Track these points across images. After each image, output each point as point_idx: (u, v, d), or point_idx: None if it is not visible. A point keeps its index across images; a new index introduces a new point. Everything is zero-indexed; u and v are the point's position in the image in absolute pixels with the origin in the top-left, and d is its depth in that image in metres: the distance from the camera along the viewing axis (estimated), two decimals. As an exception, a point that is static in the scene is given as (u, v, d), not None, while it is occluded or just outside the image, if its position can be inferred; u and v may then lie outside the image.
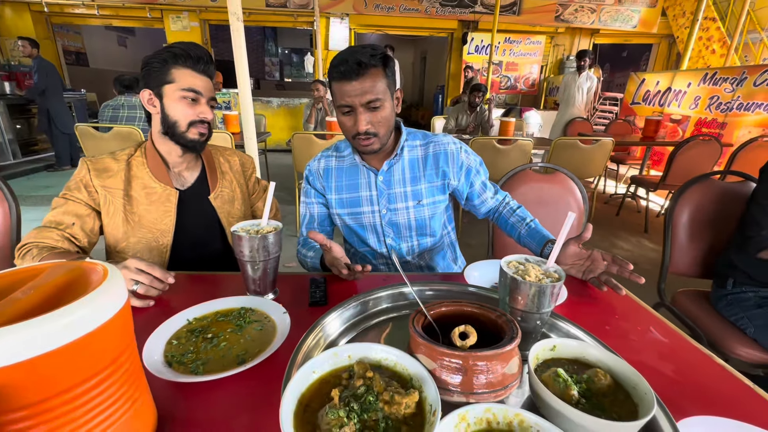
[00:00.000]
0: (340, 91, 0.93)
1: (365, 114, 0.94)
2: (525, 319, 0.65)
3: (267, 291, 0.85)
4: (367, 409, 0.48)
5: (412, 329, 0.56)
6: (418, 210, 1.13)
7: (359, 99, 0.92)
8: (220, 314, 0.75)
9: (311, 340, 0.65)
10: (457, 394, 0.51)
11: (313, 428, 0.46)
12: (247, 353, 0.64)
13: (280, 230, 0.83)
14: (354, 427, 0.45)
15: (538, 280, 0.63)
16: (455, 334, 0.55)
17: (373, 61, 0.90)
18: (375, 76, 0.92)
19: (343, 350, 0.57)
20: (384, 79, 0.93)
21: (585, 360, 0.62)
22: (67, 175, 5.03)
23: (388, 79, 0.95)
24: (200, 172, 1.19)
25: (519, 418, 0.49)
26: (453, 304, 0.65)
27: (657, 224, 3.79)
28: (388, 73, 0.95)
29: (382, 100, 0.93)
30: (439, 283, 0.86)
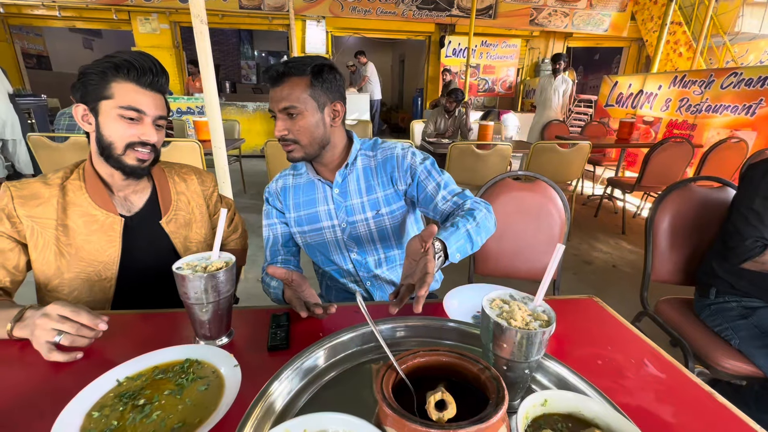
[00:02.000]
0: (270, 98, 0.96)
1: (282, 120, 0.95)
2: (511, 368, 0.56)
3: (219, 335, 0.74)
4: None
5: (380, 395, 0.47)
6: (378, 220, 1.07)
7: (276, 105, 0.94)
8: (159, 370, 0.64)
9: (259, 410, 0.54)
10: (434, 480, 0.42)
11: None
12: (184, 425, 0.53)
13: (232, 265, 0.73)
14: None
15: (525, 324, 0.55)
16: (431, 405, 0.46)
17: (294, 71, 0.92)
18: (294, 84, 0.92)
19: (296, 424, 0.47)
20: (307, 89, 0.93)
21: (581, 415, 0.54)
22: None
23: (315, 89, 0.94)
24: (150, 194, 1.06)
25: None
26: (429, 354, 0.56)
27: (634, 225, 3.84)
28: (316, 83, 0.94)
29: (299, 108, 0.93)
30: (414, 319, 0.77)
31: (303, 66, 0.93)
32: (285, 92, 0.92)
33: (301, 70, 0.92)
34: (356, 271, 1.13)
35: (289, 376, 0.61)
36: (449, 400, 0.46)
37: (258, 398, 0.55)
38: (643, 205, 4.24)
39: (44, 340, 0.68)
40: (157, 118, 0.92)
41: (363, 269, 1.13)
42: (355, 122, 4.35)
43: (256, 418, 0.52)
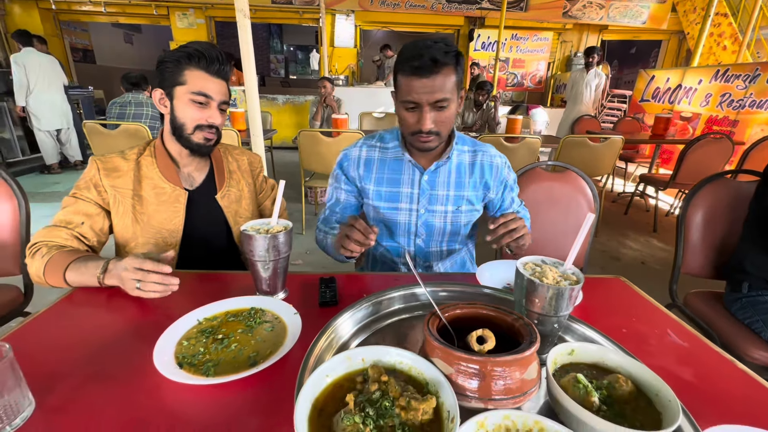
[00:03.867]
0: (408, 86, 0.88)
1: (432, 113, 0.90)
2: (542, 322, 0.63)
3: (277, 291, 0.84)
4: (383, 415, 0.47)
5: (428, 332, 0.55)
6: (455, 215, 1.12)
7: (428, 97, 0.87)
8: (231, 314, 0.75)
9: (323, 342, 0.64)
10: (475, 400, 0.50)
11: (324, 429, 0.45)
12: (258, 355, 0.63)
13: (290, 229, 0.82)
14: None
15: (555, 282, 0.61)
16: (473, 338, 0.53)
17: (447, 59, 0.85)
18: (447, 74, 0.86)
19: (357, 353, 0.56)
20: (454, 77, 0.88)
21: (604, 365, 0.60)
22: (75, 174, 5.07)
23: (458, 77, 0.90)
24: (208, 171, 1.18)
25: (539, 425, 0.48)
26: (468, 306, 0.63)
27: (666, 223, 3.74)
28: (459, 71, 0.90)
29: (449, 99, 0.89)
30: (452, 284, 0.84)
31: (450, 53, 0.86)
32: (438, 83, 0.86)
33: (450, 57, 0.86)
34: (414, 254, 1.17)
35: (345, 321, 0.70)
36: (489, 335, 0.53)
37: (321, 333, 0.64)
38: (677, 203, 4.11)
39: (130, 286, 0.80)
40: (221, 102, 1.04)
41: (421, 256, 1.17)
42: (382, 115, 4.42)
43: (321, 348, 0.62)
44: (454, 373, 0.51)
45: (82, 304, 0.81)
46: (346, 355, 0.55)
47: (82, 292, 0.85)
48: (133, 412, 0.54)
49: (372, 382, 0.51)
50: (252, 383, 0.59)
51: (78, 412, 0.54)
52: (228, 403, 0.55)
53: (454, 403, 0.47)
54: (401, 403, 0.47)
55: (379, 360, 0.56)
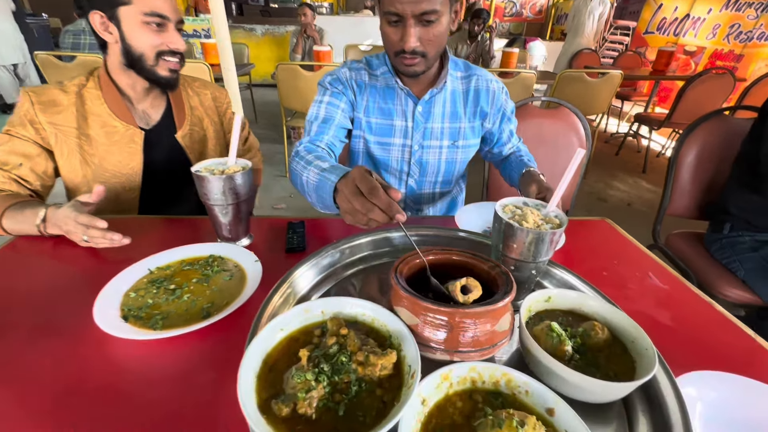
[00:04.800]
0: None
1: (416, 28, 0.76)
2: (519, 269, 0.59)
3: (239, 236, 0.78)
4: (339, 371, 0.43)
5: (395, 280, 0.50)
6: (451, 152, 1.01)
7: (412, 8, 0.73)
8: (186, 263, 0.69)
9: (283, 292, 0.59)
10: (440, 351, 0.46)
11: (277, 392, 0.42)
12: (213, 306, 0.58)
13: (249, 170, 0.74)
14: (323, 391, 0.41)
15: (536, 226, 0.56)
16: (457, 289, 0.48)
17: None
18: None
19: (316, 305, 0.51)
20: None
21: (581, 312, 0.57)
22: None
23: None
24: (166, 108, 1.05)
25: (506, 377, 0.45)
26: (442, 252, 0.58)
27: (656, 165, 3.71)
28: None
29: (439, 12, 0.75)
30: (426, 228, 0.79)
31: None
32: None
33: None
34: (405, 197, 1.08)
35: (308, 270, 0.65)
36: (474, 284, 0.49)
37: (279, 283, 0.59)
38: (669, 144, 4.04)
39: (77, 238, 0.73)
40: (177, 22, 0.89)
41: (412, 199, 1.09)
42: (369, 48, 4.08)
43: (279, 299, 0.57)
44: (419, 324, 0.47)
45: (25, 253, 0.75)
46: (304, 307, 0.51)
47: (25, 240, 0.78)
48: (75, 368, 0.50)
49: (330, 335, 0.47)
50: (205, 336, 0.54)
51: (16, 369, 0.49)
52: (178, 357, 0.52)
53: (417, 357, 0.43)
54: (359, 358, 0.43)
55: (340, 312, 0.52)
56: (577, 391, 0.46)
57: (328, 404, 0.40)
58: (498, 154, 1.09)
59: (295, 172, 0.78)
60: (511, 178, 1.00)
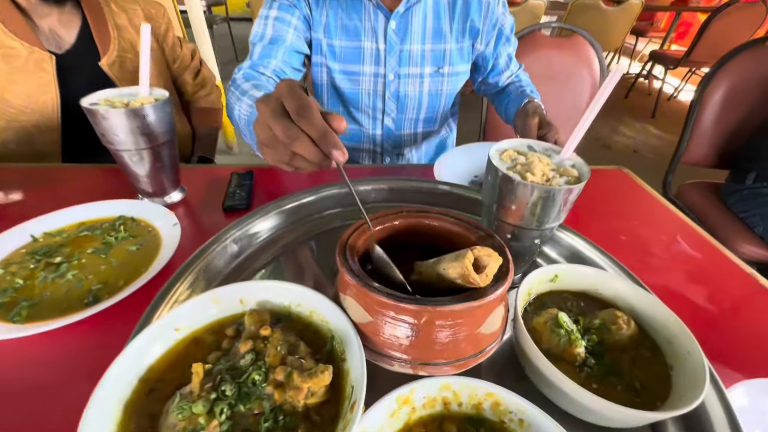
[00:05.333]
0: None
1: None
2: (518, 237, 0.43)
3: (165, 191, 0.62)
4: (248, 396, 0.29)
5: (341, 260, 0.35)
6: (435, 81, 0.81)
7: None
8: (85, 226, 0.53)
9: (197, 270, 0.44)
10: (401, 363, 0.32)
11: (152, 423, 0.28)
12: (104, 288, 0.43)
13: (164, 102, 0.55)
14: (218, 430, 0.27)
15: (545, 180, 0.39)
16: (467, 265, 0.32)
17: None
18: None
19: (232, 292, 0.36)
20: None
21: (598, 295, 0.43)
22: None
23: None
24: (81, 27, 0.82)
25: (492, 398, 0.31)
26: (414, 215, 0.42)
27: (667, 109, 3.46)
28: None
29: None
30: (394, 180, 0.62)
31: None
32: None
33: None
34: (382, 140, 0.88)
35: (238, 237, 0.50)
36: (487, 254, 0.33)
37: (196, 256, 0.44)
38: (683, 86, 3.75)
39: None
40: None
41: (390, 141, 0.89)
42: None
43: (195, 274, 0.42)
44: (373, 324, 0.33)
45: None
46: (213, 296, 0.36)
47: None
48: None
49: (245, 339, 0.33)
50: (87, 332, 0.40)
51: None
52: (43, 362, 0.37)
53: (362, 376, 0.29)
54: (277, 376, 0.29)
55: (266, 301, 0.37)
56: (590, 415, 0.33)
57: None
58: (494, 85, 0.90)
59: (229, 105, 0.62)
60: (508, 112, 0.82)
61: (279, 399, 0.29)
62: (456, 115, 0.98)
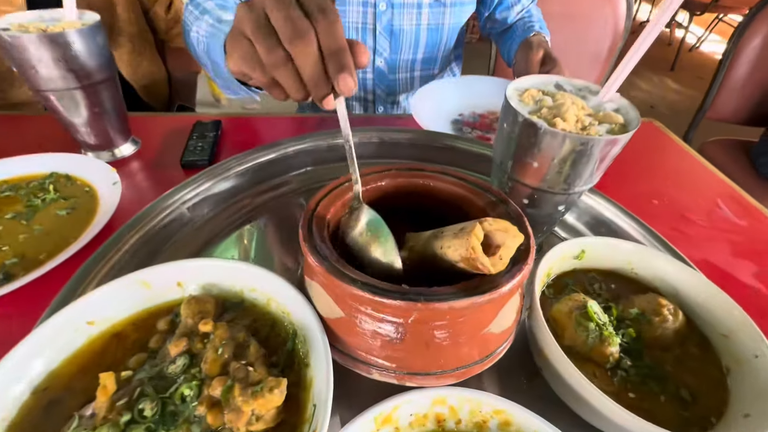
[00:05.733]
0: None
1: None
2: (538, 203, 0.34)
3: (111, 143, 0.52)
4: (173, 419, 0.21)
5: (304, 234, 0.26)
6: (435, 12, 0.68)
7: None
8: (9, 185, 0.44)
9: (134, 241, 0.35)
10: (381, 371, 0.24)
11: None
12: (21, 261, 0.35)
13: (94, 26, 0.44)
14: None
15: (580, 128, 0.30)
16: (474, 243, 0.23)
17: None
18: None
19: (167, 272, 0.28)
20: None
21: (634, 275, 0.35)
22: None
23: None
24: None
25: (501, 416, 0.24)
26: (406, 174, 0.33)
27: (686, 61, 3.22)
28: None
29: None
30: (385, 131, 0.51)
31: None
32: None
33: None
34: (373, 84, 0.76)
35: (191, 199, 0.40)
36: (502, 228, 0.24)
37: (127, 227, 0.35)
38: (707, 35, 3.46)
39: None
40: None
41: (382, 85, 0.76)
42: None
43: (131, 248, 0.34)
44: (345, 320, 0.25)
45: None
46: (142, 278, 0.27)
47: None
48: None
49: (178, 336, 0.25)
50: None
51: None
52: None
53: (328, 389, 0.21)
54: (212, 391, 0.22)
55: (212, 285, 0.29)
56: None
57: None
58: (501, 22, 0.77)
59: (185, 26, 0.52)
60: (511, 53, 0.71)
61: (213, 423, 0.21)
62: (460, 59, 0.85)
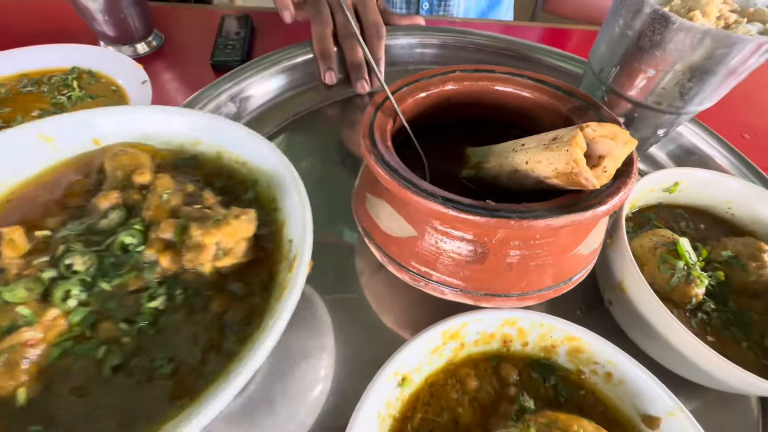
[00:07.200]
0: None
1: None
2: (635, 123, 0.29)
3: (133, 37, 0.46)
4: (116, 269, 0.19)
5: (368, 145, 0.22)
6: None
7: None
8: (30, 79, 0.40)
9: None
10: (455, 292, 0.22)
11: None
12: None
13: None
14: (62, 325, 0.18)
15: (723, 26, 0.23)
16: (575, 146, 0.18)
17: None
18: None
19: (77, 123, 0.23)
20: None
21: (729, 216, 0.31)
22: None
23: None
24: None
25: (573, 343, 0.23)
26: (470, 77, 0.28)
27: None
28: None
29: None
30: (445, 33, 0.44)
31: None
32: None
33: None
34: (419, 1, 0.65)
35: (230, 97, 0.37)
36: (609, 134, 0.19)
37: None
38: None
39: None
40: None
41: None
42: None
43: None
44: (417, 240, 0.22)
45: None
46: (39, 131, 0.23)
47: None
48: None
49: (108, 188, 0.22)
50: None
51: None
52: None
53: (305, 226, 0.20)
54: (162, 234, 0.19)
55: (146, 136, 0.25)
56: (696, 374, 0.24)
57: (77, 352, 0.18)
58: None
59: None
60: None
61: (170, 266, 0.19)
62: None
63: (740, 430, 0.26)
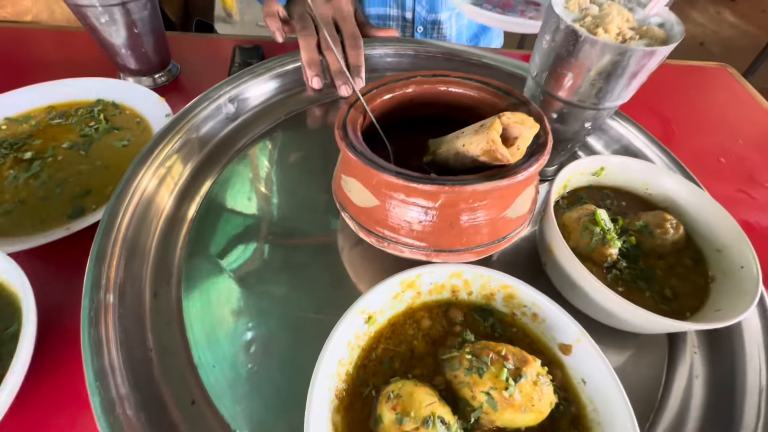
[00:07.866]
0: None
1: None
2: (566, 118, 0.35)
3: (152, 68, 0.53)
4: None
5: (341, 135, 0.29)
6: None
7: None
8: (57, 112, 0.46)
9: (180, 140, 0.38)
10: (412, 249, 0.28)
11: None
12: (90, 194, 0.37)
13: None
14: None
15: (621, 41, 0.30)
16: (492, 131, 0.25)
17: None
18: None
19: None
20: None
21: (647, 195, 0.37)
22: None
23: None
24: None
25: (506, 290, 0.28)
26: (428, 80, 0.34)
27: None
28: None
29: None
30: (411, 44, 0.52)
31: None
32: None
33: None
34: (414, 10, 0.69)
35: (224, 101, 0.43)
36: (519, 120, 0.26)
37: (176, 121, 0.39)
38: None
39: None
40: None
41: (425, 7, 0.69)
42: None
43: (174, 147, 0.37)
44: (379, 209, 0.28)
45: None
46: None
47: None
48: None
49: None
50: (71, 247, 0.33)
51: None
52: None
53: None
54: None
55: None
56: (608, 317, 0.30)
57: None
58: None
59: None
60: None
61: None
62: None
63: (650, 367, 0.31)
